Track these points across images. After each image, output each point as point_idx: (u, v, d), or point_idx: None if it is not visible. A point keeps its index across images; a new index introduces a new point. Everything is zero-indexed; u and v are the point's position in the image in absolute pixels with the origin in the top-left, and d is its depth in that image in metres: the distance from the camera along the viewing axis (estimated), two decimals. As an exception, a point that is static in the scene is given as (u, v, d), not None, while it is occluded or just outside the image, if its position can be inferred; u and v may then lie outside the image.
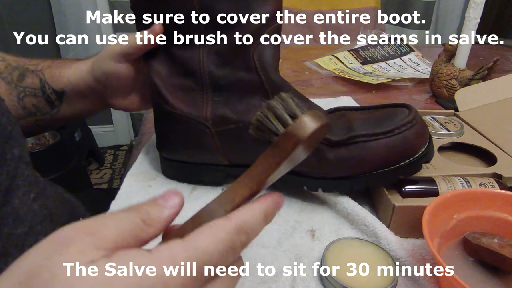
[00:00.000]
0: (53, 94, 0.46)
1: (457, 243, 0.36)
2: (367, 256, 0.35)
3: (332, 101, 0.74)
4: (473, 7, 0.69)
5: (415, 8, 1.73)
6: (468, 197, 0.37)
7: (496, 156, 0.48)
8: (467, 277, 0.33)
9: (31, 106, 0.46)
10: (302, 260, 0.37)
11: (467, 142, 0.52)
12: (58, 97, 0.46)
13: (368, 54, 0.97)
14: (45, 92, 0.46)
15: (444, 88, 0.75)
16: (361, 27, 1.26)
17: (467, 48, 0.73)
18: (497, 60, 0.70)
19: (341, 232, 0.41)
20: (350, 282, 0.32)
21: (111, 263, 0.18)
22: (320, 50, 1.09)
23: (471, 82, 0.71)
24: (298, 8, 1.34)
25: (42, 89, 0.45)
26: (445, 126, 0.55)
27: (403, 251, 0.37)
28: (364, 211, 0.41)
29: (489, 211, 0.37)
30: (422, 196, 0.40)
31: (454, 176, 0.42)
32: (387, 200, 0.40)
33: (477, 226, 0.37)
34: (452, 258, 0.35)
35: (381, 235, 0.38)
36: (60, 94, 0.46)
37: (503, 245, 0.34)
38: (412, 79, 0.86)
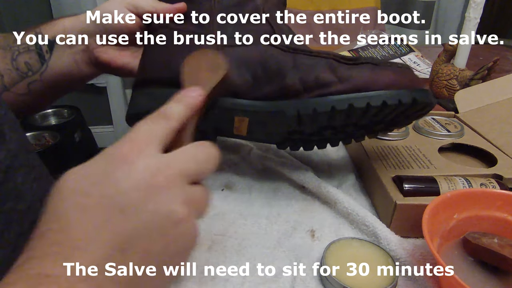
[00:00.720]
0: (45, 45, 0.46)
1: (457, 243, 0.36)
2: (367, 256, 0.35)
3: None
4: (473, 7, 0.69)
5: (415, 8, 1.73)
6: (468, 197, 0.37)
7: (496, 157, 0.48)
8: (467, 277, 0.33)
9: (23, 65, 0.46)
10: (302, 260, 0.37)
11: (468, 143, 0.52)
12: (49, 47, 0.46)
13: (368, 54, 0.97)
14: (37, 43, 0.46)
15: (444, 88, 0.75)
16: (361, 27, 1.26)
17: (467, 48, 0.73)
18: (497, 60, 0.70)
19: (341, 232, 0.41)
20: (350, 282, 0.32)
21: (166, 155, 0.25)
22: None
23: (471, 82, 0.71)
24: (298, 8, 1.34)
25: (36, 41, 0.46)
26: (445, 127, 0.55)
27: (403, 251, 0.37)
28: (364, 211, 0.41)
29: (489, 211, 0.37)
30: (423, 195, 0.40)
31: (455, 176, 0.42)
32: (389, 198, 0.40)
33: (477, 226, 0.37)
34: (452, 258, 0.35)
35: (381, 235, 0.38)
36: (52, 42, 0.46)
37: (503, 245, 0.34)
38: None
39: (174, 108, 0.28)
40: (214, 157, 0.27)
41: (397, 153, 0.49)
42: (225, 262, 0.37)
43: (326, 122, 0.40)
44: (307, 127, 0.41)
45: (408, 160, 0.47)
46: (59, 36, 0.47)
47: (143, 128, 0.26)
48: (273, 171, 0.51)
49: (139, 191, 0.23)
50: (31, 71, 0.46)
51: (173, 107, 0.28)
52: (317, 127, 0.41)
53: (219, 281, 0.35)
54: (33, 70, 0.46)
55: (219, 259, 0.37)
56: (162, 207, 0.23)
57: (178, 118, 0.27)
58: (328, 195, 0.44)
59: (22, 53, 0.46)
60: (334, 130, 0.42)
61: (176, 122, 0.27)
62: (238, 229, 0.41)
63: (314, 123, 0.40)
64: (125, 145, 0.24)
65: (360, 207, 0.42)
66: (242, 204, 0.46)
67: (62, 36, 0.47)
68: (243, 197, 0.47)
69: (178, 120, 0.27)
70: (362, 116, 0.39)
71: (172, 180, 0.24)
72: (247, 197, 0.47)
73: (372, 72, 0.38)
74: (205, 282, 0.35)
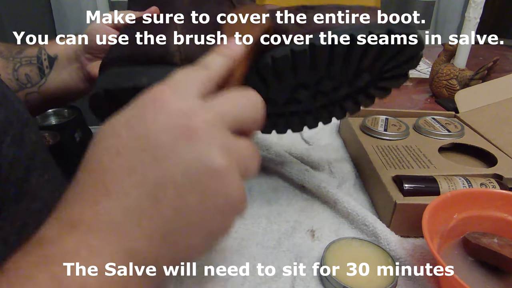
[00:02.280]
0: (46, 60, 0.49)
1: (457, 243, 0.36)
2: (367, 256, 0.35)
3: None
4: (473, 7, 0.69)
5: (415, 8, 1.73)
6: (468, 197, 0.37)
7: (496, 157, 0.48)
8: (467, 277, 0.33)
9: (23, 76, 0.49)
10: (302, 260, 0.37)
11: (468, 143, 0.52)
12: (50, 63, 0.49)
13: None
14: (39, 58, 0.49)
15: (444, 88, 0.75)
16: (361, 27, 1.26)
17: (467, 48, 0.73)
18: (497, 60, 0.70)
19: (341, 232, 0.41)
20: (350, 282, 0.32)
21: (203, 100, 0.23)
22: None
23: (471, 82, 0.71)
24: (298, 8, 1.33)
25: (38, 55, 0.49)
26: (445, 127, 0.55)
27: (403, 251, 0.37)
28: (364, 211, 0.41)
29: (489, 211, 0.37)
30: (423, 195, 0.40)
31: (455, 176, 0.42)
32: (389, 198, 0.40)
33: (477, 226, 0.37)
34: (452, 258, 0.35)
35: (381, 235, 0.38)
36: (53, 60, 0.49)
37: (503, 245, 0.34)
38: (412, 79, 0.86)
39: (215, 58, 0.26)
40: (257, 103, 0.24)
41: (397, 153, 0.49)
42: (225, 262, 0.37)
43: (292, 77, 0.35)
44: (276, 90, 0.37)
45: (408, 160, 0.47)
46: (60, 53, 0.50)
47: (181, 74, 0.24)
48: (273, 171, 0.51)
49: (170, 134, 0.21)
50: (30, 83, 0.49)
51: (214, 57, 0.26)
52: (285, 86, 0.37)
53: (219, 281, 0.35)
54: (32, 82, 0.49)
55: (219, 259, 0.37)
56: (196, 153, 0.21)
57: (218, 68, 0.25)
58: (328, 195, 0.44)
59: (24, 65, 0.49)
60: (307, 90, 0.37)
61: (216, 72, 0.25)
62: (238, 229, 0.41)
63: (279, 79, 0.36)
64: (160, 88, 0.23)
65: (360, 207, 0.42)
66: (242, 204, 0.46)
67: (62, 55, 0.50)
68: (243, 197, 0.47)
69: (218, 71, 0.25)
70: (330, 64, 0.34)
71: (209, 124, 0.22)
72: (247, 197, 0.47)
73: (336, 9, 0.34)
74: (205, 282, 0.35)
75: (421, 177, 0.42)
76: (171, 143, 0.21)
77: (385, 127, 0.54)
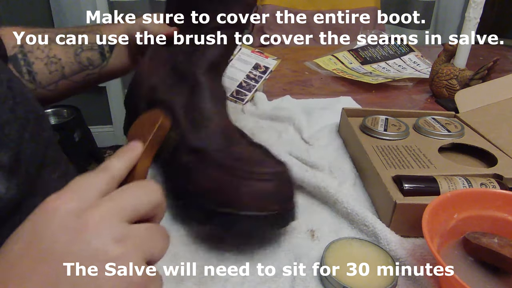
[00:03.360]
0: (107, 46, 0.55)
1: (457, 243, 0.36)
2: (367, 256, 0.35)
3: (332, 101, 0.74)
4: (473, 7, 0.69)
5: (415, 8, 1.73)
6: (468, 197, 0.37)
7: (496, 157, 0.48)
8: (467, 277, 0.33)
9: (85, 60, 0.54)
10: (302, 260, 0.37)
11: (468, 143, 0.52)
12: (110, 48, 0.55)
13: (368, 54, 0.97)
14: (100, 45, 0.55)
15: (444, 88, 0.75)
16: (361, 27, 1.26)
17: (467, 48, 0.73)
18: (497, 60, 0.70)
19: (341, 232, 0.41)
20: (350, 282, 0.32)
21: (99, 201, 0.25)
22: (320, 50, 1.09)
23: (471, 82, 0.71)
24: (298, 8, 1.34)
25: (99, 41, 0.55)
26: (445, 127, 0.55)
27: (403, 251, 0.37)
28: (364, 211, 0.41)
29: (489, 211, 0.37)
30: (423, 195, 0.40)
31: (455, 175, 0.42)
32: (389, 198, 0.40)
33: (477, 226, 0.37)
34: (452, 258, 0.35)
35: (381, 235, 0.38)
36: (113, 46, 0.55)
37: (503, 245, 0.34)
38: (412, 79, 0.86)
39: (114, 162, 0.28)
40: (155, 191, 0.27)
41: (397, 153, 0.49)
42: (225, 262, 0.37)
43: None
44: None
45: (408, 160, 0.47)
46: (119, 39, 0.56)
47: (80, 179, 0.26)
48: (273, 171, 0.51)
49: (63, 234, 0.22)
50: (92, 66, 0.55)
51: (113, 161, 0.28)
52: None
53: (219, 281, 0.35)
54: (94, 65, 0.55)
55: (219, 259, 0.37)
56: (89, 246, 0.22)
57: (117, 170, 0.28)
58: (328, 195, 0.44)
59: (86, 51, 0.54)
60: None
61: (115, 173, 0.27)
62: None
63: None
64: (55, 196, 0.24)
65: (360, 207, 0.42)
66: (242, 204, 0.45)
67: (120, 39, 0.56)
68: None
69: (117, 172, 0.27)
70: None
71: (102, 218, 0.23)
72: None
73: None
74: (205, 282, 0.35)
75: (421, 177, 0.42)
76: (62, 244, 0.22)
77: (385, 127, 0.54)
